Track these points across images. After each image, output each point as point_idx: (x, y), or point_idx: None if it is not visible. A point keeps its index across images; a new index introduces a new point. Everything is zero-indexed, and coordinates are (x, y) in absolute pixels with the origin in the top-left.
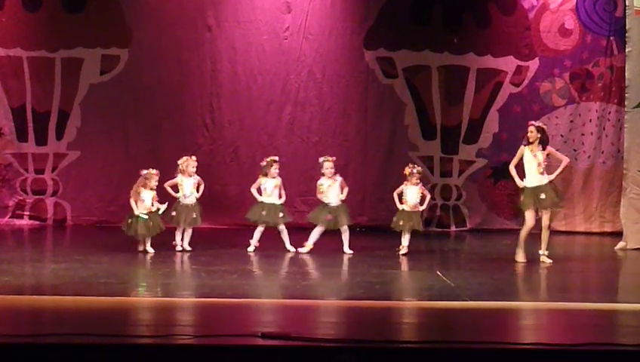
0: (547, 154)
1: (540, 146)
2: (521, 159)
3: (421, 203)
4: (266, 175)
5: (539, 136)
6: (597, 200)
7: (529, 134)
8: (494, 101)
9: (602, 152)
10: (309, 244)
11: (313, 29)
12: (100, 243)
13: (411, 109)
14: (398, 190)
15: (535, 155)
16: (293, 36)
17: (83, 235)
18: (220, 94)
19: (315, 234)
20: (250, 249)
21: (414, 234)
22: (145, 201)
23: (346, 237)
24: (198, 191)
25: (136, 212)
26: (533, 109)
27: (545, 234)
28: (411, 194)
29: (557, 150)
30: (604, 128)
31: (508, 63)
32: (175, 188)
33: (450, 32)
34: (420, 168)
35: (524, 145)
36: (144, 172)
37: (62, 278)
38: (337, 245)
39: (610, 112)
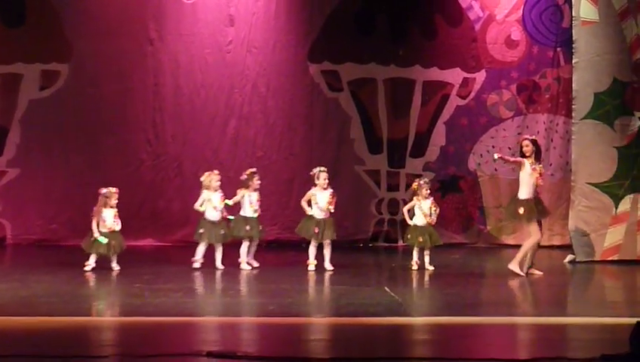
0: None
1: (535, 160)
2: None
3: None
4: (247, 187)
5: (534, 149)
6: None
7: (524, 148)
8: (441, 114)
9: (550, 165)
10: (312, 261)
11: (257, 42)
12: (41, 262)
13: (357, 123)
14: (409, 206)
15: (534, 168)
16: (237, 49)
17: (23, 254)
18: (163, 108)
19: (312, 249)
20: (245, 266)
21: (365, 250)
22: (107, 221)
23: (328, 251)
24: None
25: (95, 234)
26: (481, 122)
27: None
28: (425, 208)
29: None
30: (552, 140)
31: (454, 75)
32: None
33: (396, 44)
34: (427, 179)
35: (523, 158)
36: (104, 191)
37: (1, 298)
38: (280, 260)
39: (557, 124)
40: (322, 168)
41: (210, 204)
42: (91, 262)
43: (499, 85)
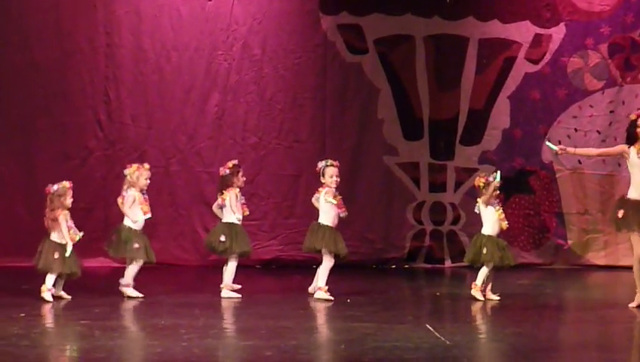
0: None
1: None
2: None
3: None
4: (231, 186)
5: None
6: None
7: (636, 129)
8: (504, 84)
9: None
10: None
11: None
12: None
13: (388, 97)
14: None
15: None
16: None
17: None
18: (119, 79)
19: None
20: (229, 294)
21: (399, 272)
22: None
23: (321, 272)
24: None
25: (67, 238)
26: (559, 95)
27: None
28: (490, 215)
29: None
30: None
31: (522, 31)
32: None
33: None
34: (497, 176)
35: (628, 146)
36: (54, 188)
37: None
38: (281, 286)
39: None
40: (331, 162)
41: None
42: (49, 285)
43: (584, 45)
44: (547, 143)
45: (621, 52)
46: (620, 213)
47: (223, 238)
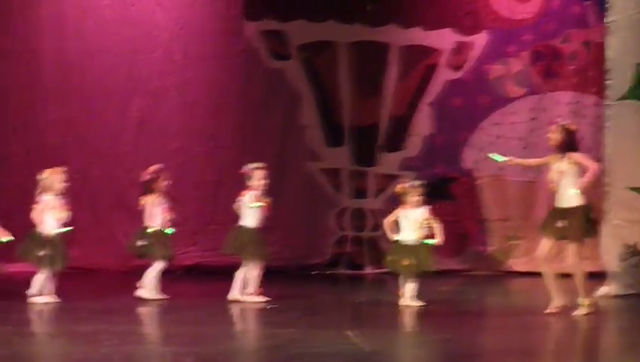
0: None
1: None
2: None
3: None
4: (153, 190)
5: (564, 138)
6: None
7: (550, 137)
8: (425, 91)
9: None
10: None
11: None
12: None
13: (310, 103)
14: (391, 217)
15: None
16: (143, 2)
17: None
18: (39, 82)
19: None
20: (149, 294)
21: (320, 279)
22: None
23: (251, 278)
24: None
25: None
26: (481, 102)
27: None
28: (411, 222)
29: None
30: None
31: (444, 39)
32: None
33: None
34: (419, 182)
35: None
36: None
37: None
38: (201, 292)
39: (586, 106)
40: (259, 164)
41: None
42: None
43: (506, 52)
44: (490, 156)
45: (543, 59)
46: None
47: (140, 242)
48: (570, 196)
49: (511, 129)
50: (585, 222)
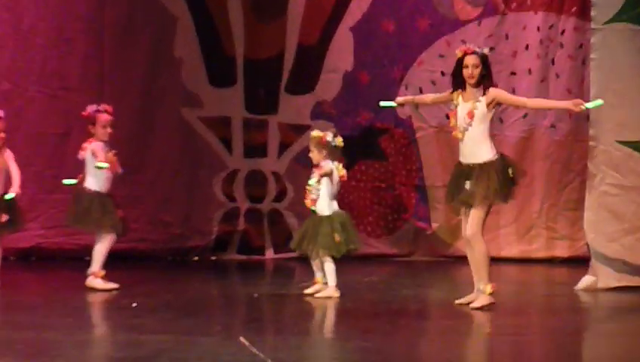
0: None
1: (481, 90)
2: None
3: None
4: None
5: (479, 70)
6: (540, 199)
7: (463, 69)
8: (345, 12)
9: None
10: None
11: None
12: None
13: (188, 29)
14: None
15: (472, 106)
16: None
17: None
18: None
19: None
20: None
21: (203, 266)
22: None
23: (96, 254)
24: None
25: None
26: (420, 27)
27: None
28: (324, 185)
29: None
30: (552, 61)
31: None
32: None
33: None
34: (340, 142)
35: (452, 92)
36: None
37: None
38: (44, 282)
39: (563, 31)
40: (104, 106)
41: None
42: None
43: None
44: (382, 104)
45: None
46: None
47: None
48: (480, 148)
49: None
50: (498, 182)
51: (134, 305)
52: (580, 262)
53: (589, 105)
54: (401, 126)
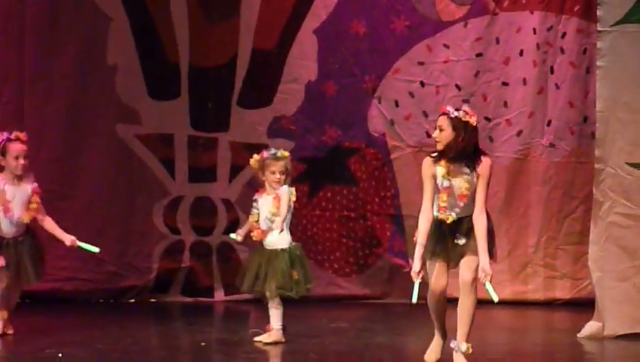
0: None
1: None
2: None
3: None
4: None
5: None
6: (537, 231)
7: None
8: (307, 12)
9: (548, 123)
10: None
11: None
12: None
13: (124, 32)
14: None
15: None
16: None
17: None
18: None
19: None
20: None
21: (142, 310)
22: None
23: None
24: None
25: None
26: (396, 29)
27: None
28: (266, 209)
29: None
30: (551, 68)
31: None
32: None
33: None
34: (284, 153)
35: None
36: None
37: None
38: None
39: (564, 34)
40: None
41: None
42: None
43: None
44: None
45: None
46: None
47: None
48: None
49: (444, 70)
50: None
51: (60, 355)
52: (583, 306)
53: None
54: (373, 145)
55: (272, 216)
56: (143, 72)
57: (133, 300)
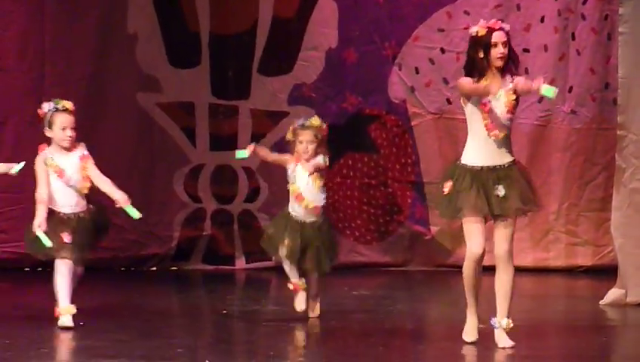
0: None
1: (508, 77)
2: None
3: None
4: None
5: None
6: (559, 198)
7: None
8: None
9: (570, 90)
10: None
11: None
12: None
13: (144, 0)
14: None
15: (494, 99)
16: None
17: None
18: None
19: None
20: None
21: (161, 278)
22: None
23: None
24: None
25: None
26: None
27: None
28: (303, 180)
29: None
30: (572, 36)
31: None
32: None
33: None
34: (313, 121)
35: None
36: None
37: None
38: None
39: (585, 1)
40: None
41: None
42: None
43: None
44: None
45: None
46: (447, 188)
47: None
48: (508, 147)
49: (464, 37)
50: (528, 186)
51: (82, 323)
52: (605, 272)
53: (543, 89)
54: (394, 112)
55: (313, 185)
56: (163, 41)
57: (154, 268)
